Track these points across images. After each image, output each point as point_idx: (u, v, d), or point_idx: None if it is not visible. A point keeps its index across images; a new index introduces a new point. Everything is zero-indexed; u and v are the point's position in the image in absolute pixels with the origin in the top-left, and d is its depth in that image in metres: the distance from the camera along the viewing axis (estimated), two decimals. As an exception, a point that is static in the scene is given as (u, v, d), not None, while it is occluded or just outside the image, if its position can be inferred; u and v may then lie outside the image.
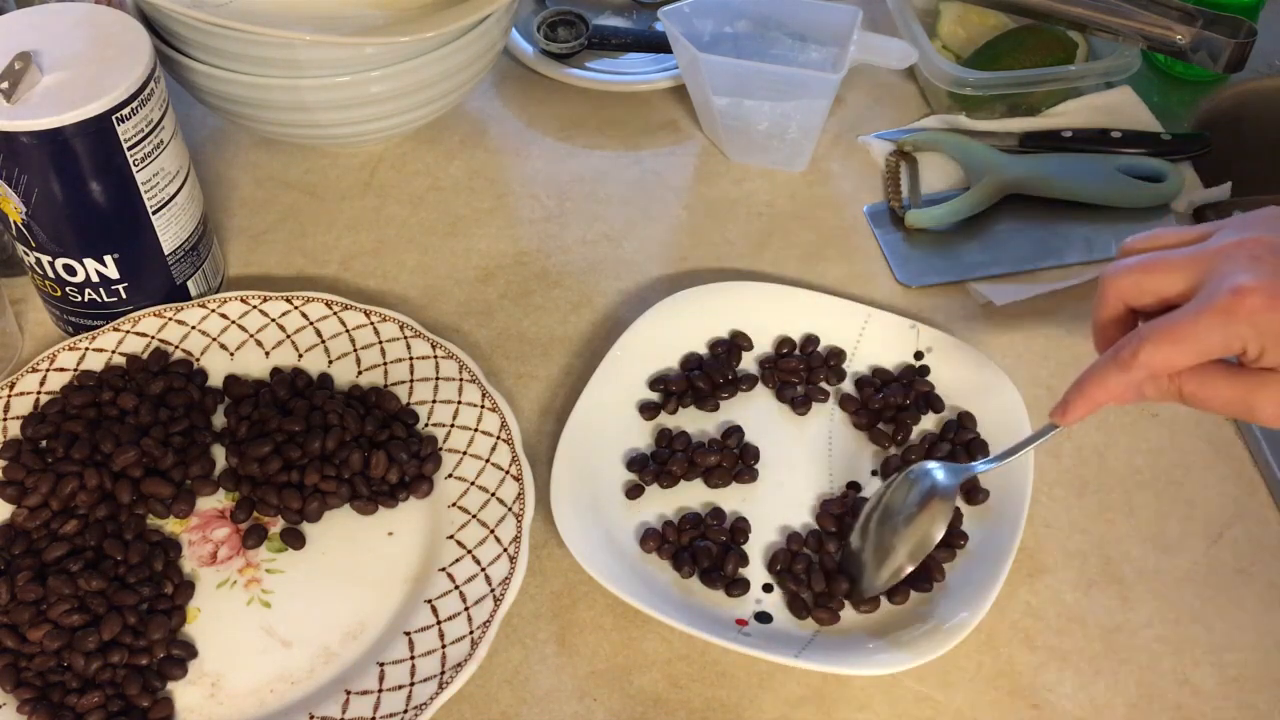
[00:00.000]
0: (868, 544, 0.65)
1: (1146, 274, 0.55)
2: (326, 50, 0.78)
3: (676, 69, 0.93)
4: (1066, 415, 0.58)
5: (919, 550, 0.63)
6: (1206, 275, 0.53)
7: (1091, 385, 0.56)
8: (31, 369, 0.73)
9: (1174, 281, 0.54)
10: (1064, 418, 0.58)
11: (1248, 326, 0.51)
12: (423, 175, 0.90)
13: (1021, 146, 0.90)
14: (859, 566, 0.65)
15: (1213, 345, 0.52)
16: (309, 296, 0.77)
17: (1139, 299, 0.56)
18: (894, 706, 0.63)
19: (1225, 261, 0.53)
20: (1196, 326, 0.52)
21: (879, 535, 0.64)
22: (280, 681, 0.63)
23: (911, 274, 0.83)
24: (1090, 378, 0.56)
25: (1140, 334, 0.53)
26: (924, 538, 0.63)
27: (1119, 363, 0.54)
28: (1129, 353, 0.53)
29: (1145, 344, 0.53)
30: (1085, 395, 0.56)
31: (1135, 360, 0.53)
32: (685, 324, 0.77)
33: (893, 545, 0.64)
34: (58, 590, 0.63)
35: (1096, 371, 0.56)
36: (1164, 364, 0.53)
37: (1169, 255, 0.55)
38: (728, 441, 0.72)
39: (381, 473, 0.69)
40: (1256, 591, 0.67)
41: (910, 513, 0.64)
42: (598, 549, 0.66)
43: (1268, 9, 0.94)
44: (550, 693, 0.63)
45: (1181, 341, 0.52)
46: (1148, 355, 0.53)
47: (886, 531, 0.64)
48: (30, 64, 0.67)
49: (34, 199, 0.69)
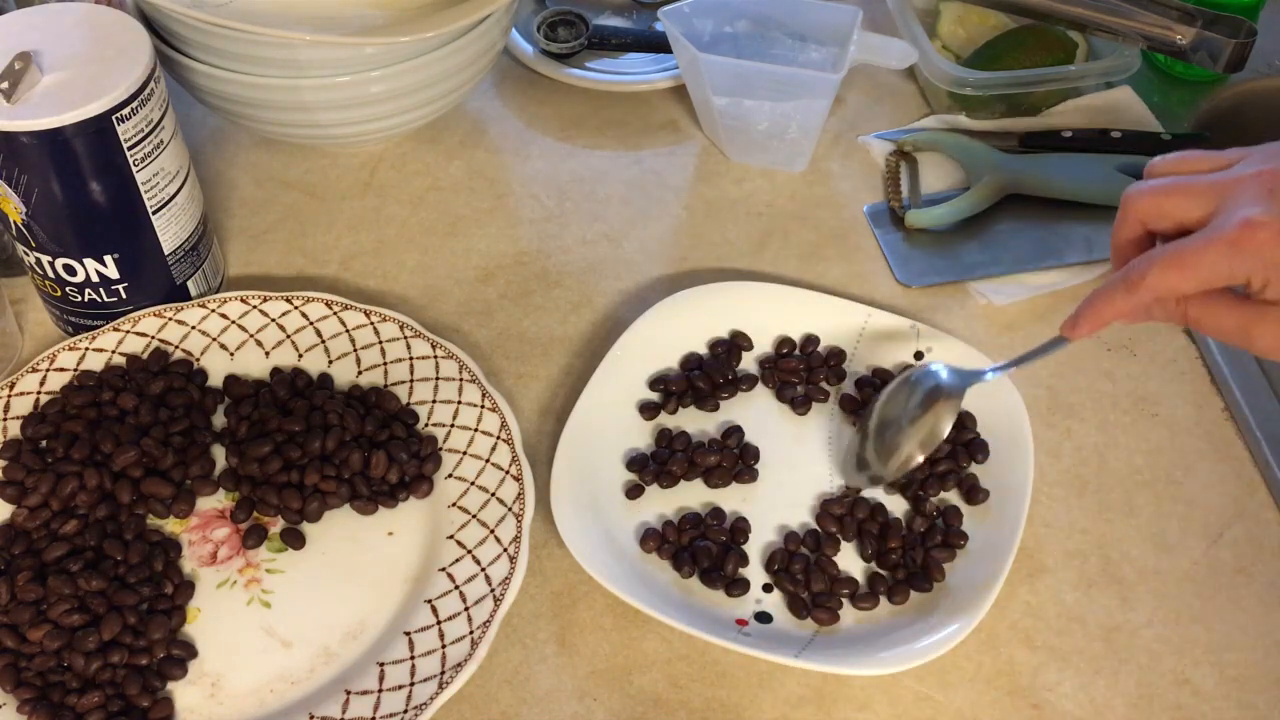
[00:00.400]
0: (868, 444, 0.66)
1: (1166, 197, 0.56)
2: (326, 50, 0.78)
3: (676, 69, 0.93)
4: (1075, 329, 0.59)
5: (929, 441, 0.64)
6: (1222, 204, 0.54)
7: (1100, 303, 0.57)
8: (31, 369, 0.73)
9: (1191, 207, 0.55)
10: (1072, 331, 0.59)
11: (1254, 259, 0.51)
12: (423, 175, 0.90)
13: (1021, 146, 0.90)
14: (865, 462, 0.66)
15: (1218, 274, 0.52)
16: (309, 296, 0.77)
17: (1157, 222, 0.57)
18: (894, 706, 0.63)
19: (1241, 192, 0.53)
20: (1204, 254, 0.52)
21: (880, 439, 0.65)
22: (280, 681, 0.63)
23: (911, 274, 0.83)
24: (1099, 296, 0.57)
25: (1150, 257, 0.54)
26: (931, 431, 0.64)
27: (1128, 283, 0.55)
28: (1137, 274, 0.54)
29: (1154, 267, 0.54)
30: (1094, 311, 0.57)
31: (1143, 282, 0.54)
32: (685, 324, 0.77)
33: (898, 443, 0.65)
34: (58, 590, 0.63)
35: (1106, 290, 0.56)
36: (1170, 289, 0.54)
37: (1190, 180, 0.56)
38: (728, 441, 0.72)
39: (381, 473, 0.69)
40: (1256, 591, 0.67)
41: (914, 414, 0.65)
42: (598, 549, 0.66)
43: (1268, 9, 0.94)
44: (550, 693, 0.63)
45: (1188, 268, 0.53)
46: (1155, 279, 0.54)
47: (890, 433, 0.65)
48: (30, 64, 0.67)
49: (34, 199, 0.69)
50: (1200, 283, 0.53)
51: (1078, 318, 0.58)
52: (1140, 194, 0.57)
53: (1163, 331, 0.79)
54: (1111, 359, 0.78)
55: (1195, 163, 0.57)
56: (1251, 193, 0.53)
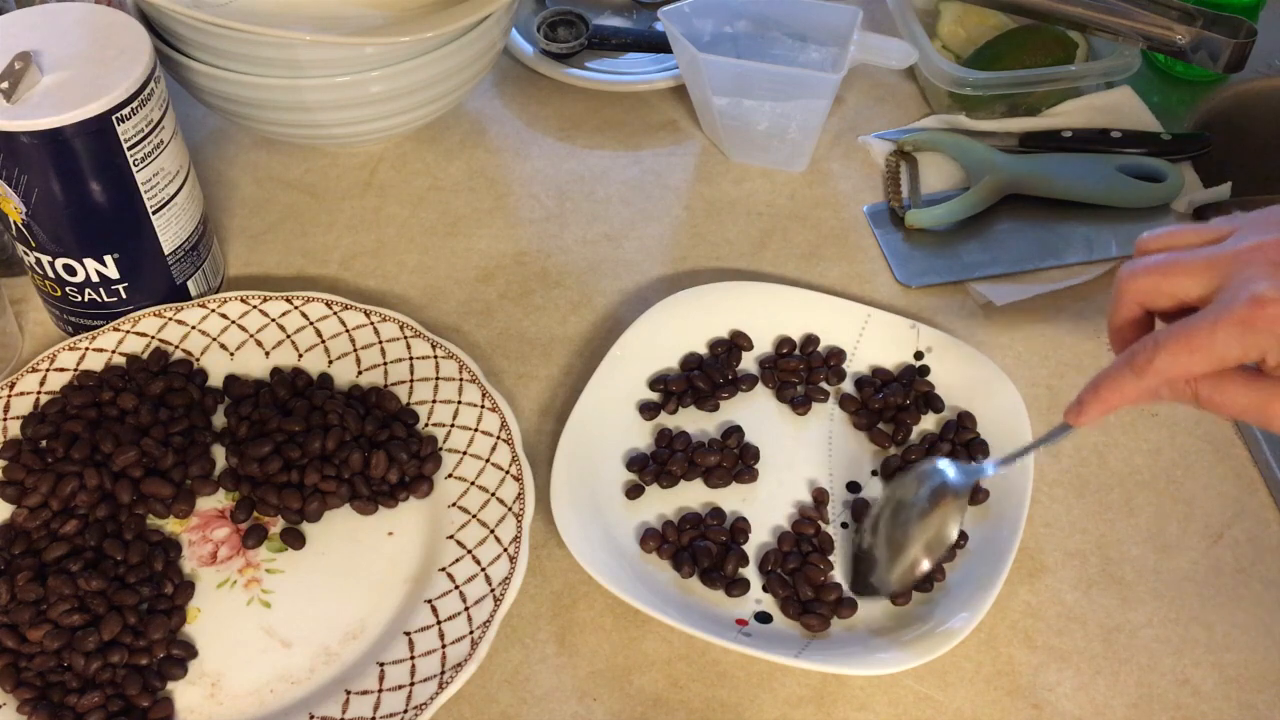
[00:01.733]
0: (879, 540, 0.65)
1: (1164, 276, 0.54)
2: (326, 50, 0.78)
3: (676, 69, 0.93)
4: (1080, 417, 0.57)
5: (935, 546, 0.63)
6: (1225, 280, 0.52)
7: (1106, 389, 0.55)
8: (31, 369, 0.73)
9: (1192, 285, 0.53)
10: (1077, 419, 0.57)
11: (1267, 336, 0.50)
12: (423, 175, 0.90)
13: (1021, 146, 0.90)
14: (870, 563, 0.65)
15: (1230, 354, 0.51)
16: (309, 296, 0.77)
17: (1156, 301, 0.55)
18: (894, 706, 0.63)
19: (1245, 267, 0.52)
20: (1214, 335, 0.51)
21: (890, 530, 0.64)
22: (280, 681, 0.63)
23: (911, 274, 0.83)
24: (1105, 381, 0.55)
25: (1156, 340, 0.52)
26: (939, 534, 0.63)
27: (1134, 368, 0.53)
28: (1144, 359, 0.53)
29: (1161, 351, 0.52)
30: (1100, 398, 0.55)
31: (1150, 367, 0.52)
32: (685, 324, 0.77)
33: (906, 540, 0.63)
34: (58, 590, 0.63)
35: (1112, 375, 0.55)
36: (1180, 372, 0.52)
37: (1187, 257, 0.54)
38: (728, 441, 0.72)
39: (381, 473, 0.69)
40: (1256, 591, 0.67)
41: (923, 507, 0.63)
42: (598, 549, 0.66)
43: (1268, 9, 0.94)
44: (550, 693, 0.63)
45: (1198, 350, 0.51)
46: (1163, 363, 0.52)
47: (898, 526, 0.64)
48: (30, 64, 0.67)
49: (34, 199, 0.69)
50: (1212, 363, 0.52)
51: (1083, 404, 0.56)
52: (1135, 274, 0.55)
53: (1163, 331, 0.79)
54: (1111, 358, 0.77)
55: (1186, 236, 0.55)
56: (1255, 268, 0.51)
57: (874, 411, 0.73)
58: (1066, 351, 0.78)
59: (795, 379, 0.75)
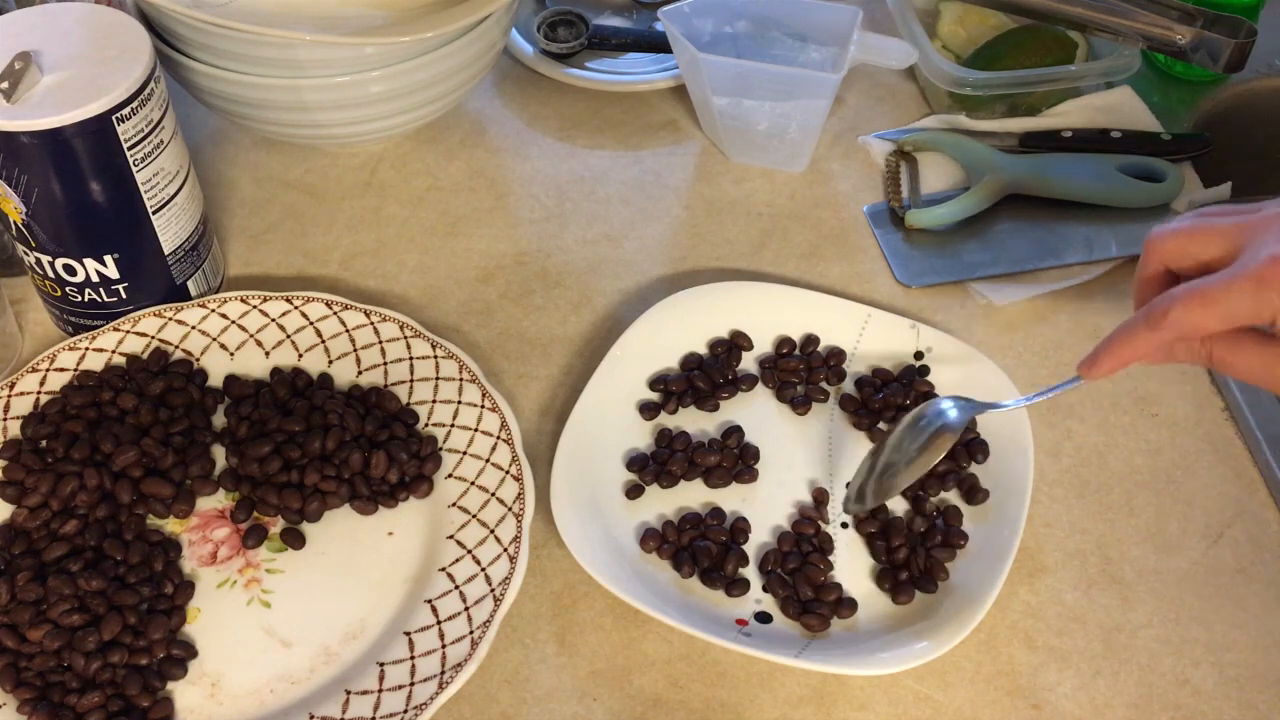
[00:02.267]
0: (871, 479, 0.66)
1: (1189, 237, 0.55)
2: (326, 50, 0.78)
3: (676, 69, 0.93)
4: (1093, 369, 0.58)
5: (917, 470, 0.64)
6: (1246, 243, 0.53)
7: (1120, 342, 0.56)
8: (31, 369, 0.73)
9: (1214, 247, 0.54)
10: (1090, 371, 0.58)
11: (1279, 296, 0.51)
12: (423, 175, 0.90)
13: (1021, 146, 0.90)
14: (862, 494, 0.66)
15: (1242, 312, 0.52)
16: (309, 296, 0.77)
17: (1179, 261, 0.56)
18: (894, 706, 0.63)
19: (1265, 232, 0.53)
20: (1228, 292, 0.52)
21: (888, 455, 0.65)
22: (280, 681, 0.63)
23: (911, 274, 0.83)
24: (1120, 334, 0.56)
25: (1172, 295, 0.53)
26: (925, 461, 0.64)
27: (1149, 321, 0.54)
28: (1159, 312, 0.54)
29: (1175, 305, 0.53)
30: (1113, 351, 0.56)
31: (1165, 320, 0.53)
32: (685, 324, 0.77)
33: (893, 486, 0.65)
34: (58, 590, 0.63)
35: (1126, 329, 0.56)
36: (1192, 326, 0.53)
37: (1213, 222, 0.55)
38: (728, 441, 0.72)
39: (381, 473, 0.69)
40: (1256, 591, 0.67)
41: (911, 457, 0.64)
42: (598, 549, 0.66)
43: (1268, 9, 0.94)
44: (550, 693, 0.63)
45: (1211, 305, 0.52)
46: (1177, 316, 0.53)
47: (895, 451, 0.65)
48: (30, 64, 0.67)
49: (34, 199, 0.69)
50: (1225, 320, 0.52)
51: (1096, 356, 0.57)
52: (1163, 234, 0.56)
53: (1163, 331, 0.79)
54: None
55: (1219, 211, 0.57)
56: (1276, 232, 0.52)
57: (874, 411, 0.73)
58: (1066, 351, 0.78)
59: (795, 379, 0.75)
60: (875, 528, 0.68)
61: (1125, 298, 0.81)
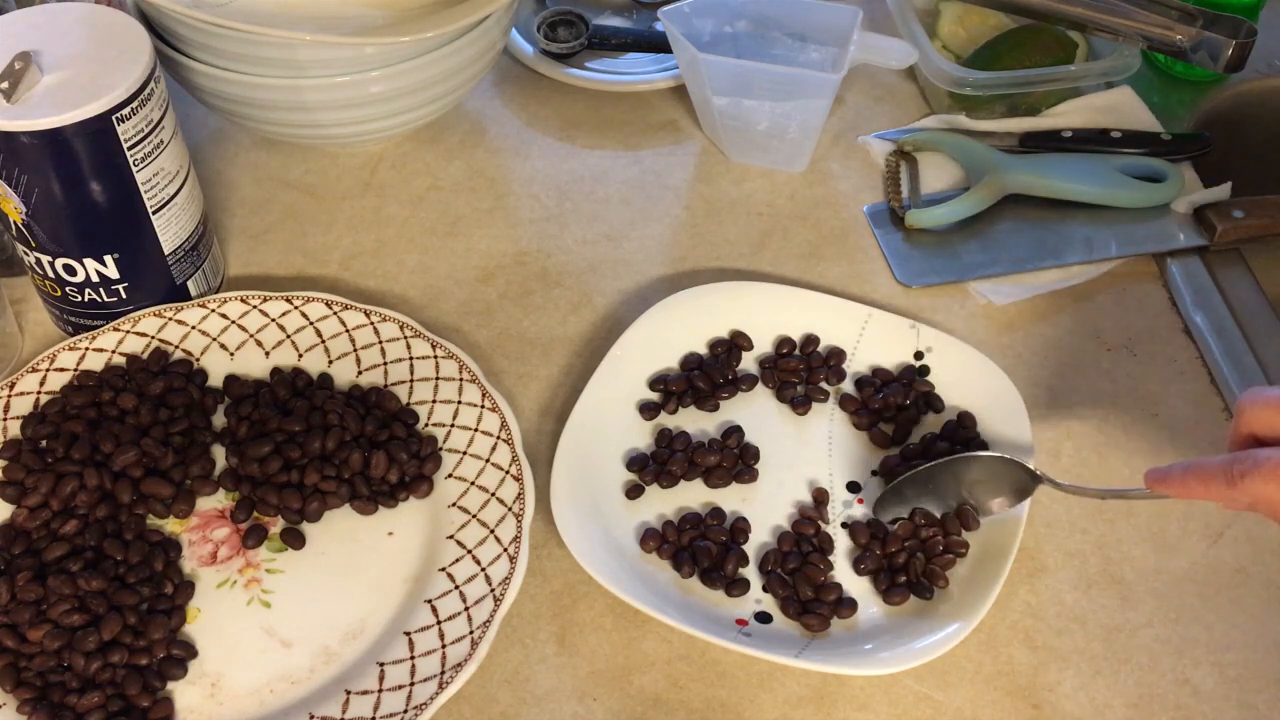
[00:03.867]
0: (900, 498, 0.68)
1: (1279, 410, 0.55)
2: (326, 50, 0.78)
3: (676, 69, 0.93)
4: (1161, 486, 0.58)
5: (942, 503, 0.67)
6: None
7: (1196, 478, 0.56)
8: (31, 369, 0.73)
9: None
10: (1157, 486, 0.58)
11: None
12: (423, 175, 0.90)
13: (1021, 146, 0.90)
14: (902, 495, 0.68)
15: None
16: (309, 296, 0.77)
17: (1267, 432, 0.56)
18: (894, 706, 0.63)
19: None
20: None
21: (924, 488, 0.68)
22: (280, 681, 0.63)
23: (911, 274, 0.83)
24: (1200, 471, 0.56)
25: (1257, 459, 0.53)
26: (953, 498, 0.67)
27: (1228, 476, 0.54)
28: (1239, 472, 0.53)
29: (1256, 473, 0.53)
30: (1186, 483, 0.56)
31: (1242, 482, 0.53)
32: (685, 324, 0.77)
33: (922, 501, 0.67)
34: (58, 590, 0.63)
35: (1208, 470, 0.55)
36: (1266, 500, 0.53)
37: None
38: (728, 441, 0.72)
39: (381, 473, 0.69)
40: (1256, 591, 0.67)
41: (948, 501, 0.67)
42: (598, 549, 0.66)
43: (1268, 9, 0.94)
44: (550, 693, 0.63)
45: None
46: (1253, 485, 0.53)
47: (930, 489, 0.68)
48: (30, 64, 0.67)
49: (34, 199, 0.69)
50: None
51: (1169, 478, 0.57)
52: (1256, 401, 0.56)
53: (1162, 332, 0.79)
54: (1111, 359, 0.78)
55: None
56: None
57: (874, 411, 0.73)
58: (1066, 351, 0.78)
59: (795, 379, 0.75)
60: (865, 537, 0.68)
61: (1125, 298, 0.81)
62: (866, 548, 0.67)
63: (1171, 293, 0.82)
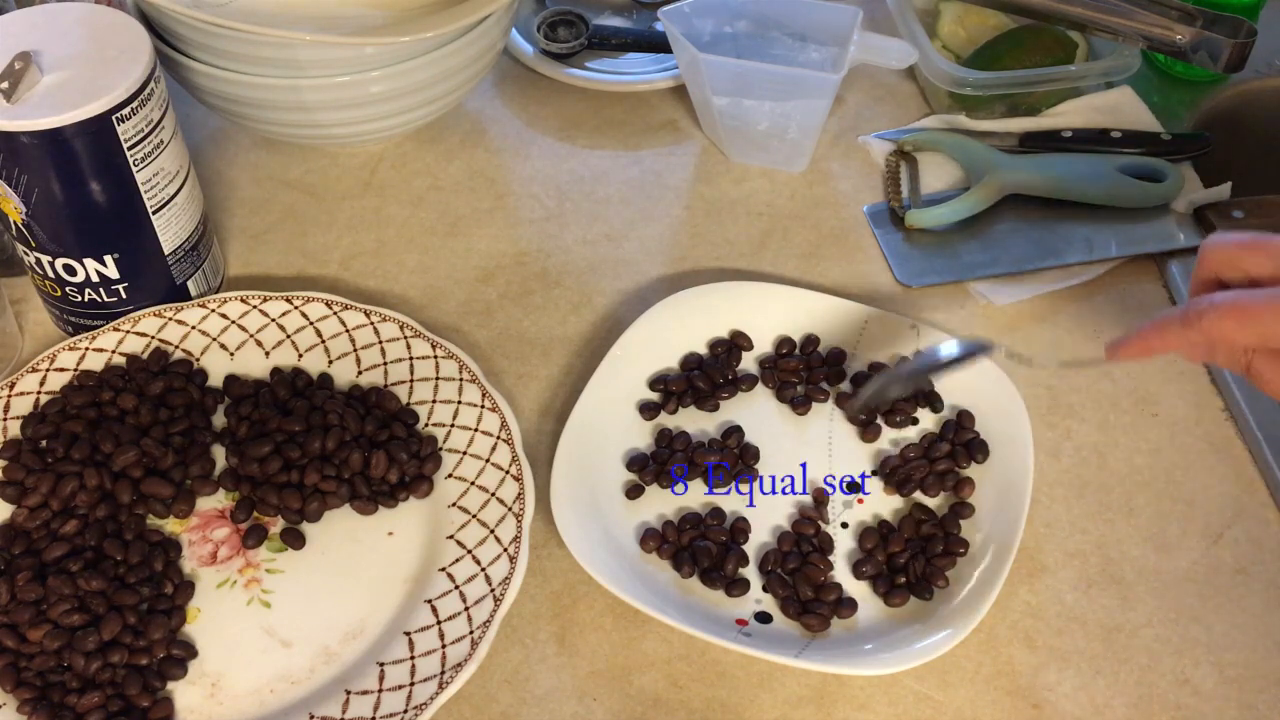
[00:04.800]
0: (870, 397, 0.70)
1: (1241, 249, 0.55)
2: (326, 50, 0.78)
3: (676, 69, 0.93)
4: (1118, 351, 0.58)
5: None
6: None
7: (1151, 331, 0.56)
8: (31, 369, 0.73)
9: (1265, 263, 0.55)
10: (1114, 353, 0.58)
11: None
12: (423, 175, 0.90)
13: (1021, 146, 0.90)
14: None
15: (1274, 332, 0.52)
16: (309, 296, 0.77)
17: (1228, 271, 0.56)
18: (894, 706, 0.63)
19: None
20: (1265, 310, 0.52)
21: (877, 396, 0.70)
22: (280, 681, 0.63)
23: (911, 274, 0.83)
24: (1154, 324, 0.56)
25: (1212, 299, 0.54)
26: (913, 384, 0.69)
27: (1184, 318, 0.54)
28: (1195, 313, 0.54)
29: (1212, 311, 0.53)
30: (1142, 338, 0.57)
31: (1198, 323, 0.54)
32: (685, 324, 0.77)
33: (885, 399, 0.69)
34: (58, 590, 0.63)
35: (1160, 320, 0.56)
36: (1223, 336, 0.53)
37: (1269, 238, 0.55)
38: (728, 441, 0.72)
39: (381, 473, 0.69)
40: (1256, 591, 0.67)
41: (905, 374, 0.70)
42: (598, 549, 0.66)
43: (1268, 9, 0.94)
44: (550, 693, 0.63)
45: (1246, 321, 0.53)
46: (1209, 323, 0.53)
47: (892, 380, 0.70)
48: (30, 64, 0.67)
49: (34, 199, 0.69)
50: (1256, 337, 0.53)
51: (1124, 341, 0.58)
52: (1218, 244, 0.56)
53: (1163, 331, 0.79)
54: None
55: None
56: None
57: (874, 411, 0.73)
58: (1066, 351, 0.78)
59: (795, 379, 0.75)
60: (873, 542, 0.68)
61: (1125, 298, 0.81)
62: (870, 552, 0.67)
63: (1171, 293, 0.82)
